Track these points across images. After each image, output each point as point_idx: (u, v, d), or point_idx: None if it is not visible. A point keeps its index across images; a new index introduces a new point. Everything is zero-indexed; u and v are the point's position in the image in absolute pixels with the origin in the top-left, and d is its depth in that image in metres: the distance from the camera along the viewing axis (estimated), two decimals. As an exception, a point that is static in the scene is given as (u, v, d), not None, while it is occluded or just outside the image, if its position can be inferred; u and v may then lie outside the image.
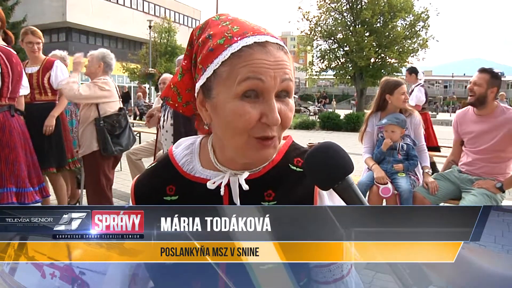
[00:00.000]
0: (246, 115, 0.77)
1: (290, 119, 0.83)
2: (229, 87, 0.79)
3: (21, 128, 3.13)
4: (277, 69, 0.78)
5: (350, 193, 0.74)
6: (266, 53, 0.79)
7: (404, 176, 3.50)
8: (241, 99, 0.78)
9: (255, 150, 0.81)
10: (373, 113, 3.77)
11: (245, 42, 0.79)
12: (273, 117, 0.77)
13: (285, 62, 0.80)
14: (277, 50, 0.80)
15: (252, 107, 0.78)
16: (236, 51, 0.78)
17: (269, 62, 0.78)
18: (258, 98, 0.78)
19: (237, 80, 0.77)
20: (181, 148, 0.98)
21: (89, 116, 3.75)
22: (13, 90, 3.10)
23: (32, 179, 3.18)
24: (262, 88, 0.77)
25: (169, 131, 3.78)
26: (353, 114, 18.53)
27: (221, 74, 0.80)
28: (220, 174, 0.90)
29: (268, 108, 0.78)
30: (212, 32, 0.84)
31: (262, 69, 0.77)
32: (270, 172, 0.91)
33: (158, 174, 0.96)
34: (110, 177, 3.98)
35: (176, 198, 0.92)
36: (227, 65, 0.79)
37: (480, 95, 3.26)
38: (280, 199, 0.89)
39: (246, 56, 0.78)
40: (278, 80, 0.78)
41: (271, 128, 0.79)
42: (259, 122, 0.79)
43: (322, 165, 0.74)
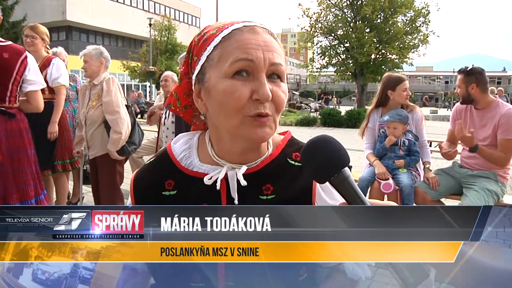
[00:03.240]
0: (236, 93, 0.79)
1: (283, 100, 0.83)
2: (220, 68, 0.81)
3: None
4: (266, 50, 0.80)
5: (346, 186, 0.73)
6: (255, 33, 0.82)
7: (405, 172, 3.50)
8: (232, 77, 0.80)
9: (251, 128, 0.81)
10: (374, 108, 3.77)
11: (235, 26, 0.83)
12: (263, 92, 0.78)
13: (273, 45, 0.83)
14: (266, 33, 0.83)
15: (242, 84, 0.79)
16: (226, 34, 0.82)
17: (258, 42, 0.81)
18: (249, 76, 0.80)
19: (229, 62, 0.79)
20: (180, 143, 0.99)
21: (99, 117, 3.68)
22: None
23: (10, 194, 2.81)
24: (253, 67, 0.79)
25: (170, 128, 3.78)
26: (354, 110, 18.52)
27: (213, 58, 0.82)
28: (218, 168, 0.90)
29: (258, 84, 0.79)
30: (207, 30, 0.88)
31: (252, 50, 0.79)
32: (269, 166, 0.91)
33: (157, 169, 0.97)
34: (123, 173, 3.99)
35: (175, 193, 0.93)
36: (218, 48, 0.82)
37: (463, 96, 3.33)
38: (279, 193, 0.89)
39: (236, 37, 0.81)
40: (267, 61, 0.80)
41: (264, 105, 0.80)
42: (250, 99, 0.80)
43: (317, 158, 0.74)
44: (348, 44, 24.27)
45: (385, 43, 23.56)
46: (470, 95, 3.28)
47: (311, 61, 27.28)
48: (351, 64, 24.35)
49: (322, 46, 25.81)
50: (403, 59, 24.54)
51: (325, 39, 25.66)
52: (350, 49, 24.08)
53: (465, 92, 3.30)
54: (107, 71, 3.82)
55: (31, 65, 2.90)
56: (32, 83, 2.92)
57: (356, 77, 24.61)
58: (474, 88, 3.26)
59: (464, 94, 3.31)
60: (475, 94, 3.27)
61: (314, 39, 26.01)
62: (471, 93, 3.27)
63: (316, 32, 25.22)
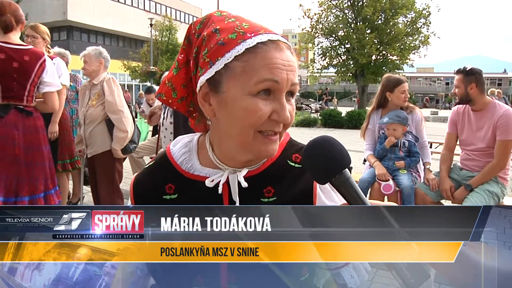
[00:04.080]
0: (259, 112, 0.79)
1: (293, 118, 0.84)
2: (243, 83, 0.79)
3: (15, 131, 2.85)
4: (289, 70, 0.81)
5: (347, 187, 0.73)
6: (280, 51, 0.81)
7: (405, 173, 3.50)
8: (255, 96, 0.79)
9: (261, 144, 0.83)
10: (374, 109, 3.77)
11: (259, 39, 0.80)
12: (284, 115, 0.80)
13: (294, 63, 0.83)
14: (287, 50, 0.83)
15: (264, 104, 0.79)
16: (251, 46, 0.79)
17: (283, 62, 0.80)
18: (269, 96, 0.80)
19: (255, 80, 0.78)
20: (179, 146, 0.98)
21: (98, 115, 3.70)
22: (7, 88, 2.85)
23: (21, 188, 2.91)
24: (276, 88, 0.80)
25: (169, 128, 3.78)
26: (355, 111, 18.51)
27: (235, 68, 0.80)
28: (219, 172, 0.90)
29: (279, 106, 0.80)
30: (219, 27, 0.83)
31: (278, 70, 0.79)
32: (269, 169, 0.91)
33: (157, 173, 0.96)
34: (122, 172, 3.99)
35: (176, 196, 0.92)
36: (242, 60, 0.79)
37: (462, 96, 3.32)
38: (280, 196, 0.89)
39: (262, 54, 0.79)
40: (289, 82, 0.81)
41: (279, 124, 0.82)
42: (268, 119, 0.80)
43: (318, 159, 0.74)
44: (349, 45, 24.26)
45: (386, 44, 23.55)
46: (468, 95, 3.28)
47: (312, 62, 27.26)
48: (352, 65, 24.34)
49: (323, 47, 25.80)
50: (403, 60, 24.52)
51: (326, 40, 25.67)
52: (351, 50, 24.07)
53: (464, 92, 3.29)
54: (106, 71, 3.84)
55: (48, 68, 3.06)
56: (48, 85, 3.07)
57: (356, 78, 24.59)
58: (474, 88, 3.25)
59: (462, 94, 3.30)
60: (474, 95, 3.27)
61: (315, 40, 26.01)
62: (469, 93, 3.27)
63: (317, 33, 25.22)
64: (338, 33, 24.69)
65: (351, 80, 26.24)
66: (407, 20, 24.44)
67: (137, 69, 31.16)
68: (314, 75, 28.50)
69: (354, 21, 24.33)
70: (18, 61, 2.87)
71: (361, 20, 23.72)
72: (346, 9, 24.44)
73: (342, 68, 25.11)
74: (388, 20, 23.71)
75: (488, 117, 3.26)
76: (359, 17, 23.84)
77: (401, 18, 24.06)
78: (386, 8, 23.39)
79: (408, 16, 24.25)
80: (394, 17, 23.54)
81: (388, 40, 23.48)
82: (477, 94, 3.26)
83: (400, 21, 24.19)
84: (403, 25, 24.10)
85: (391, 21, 23.62)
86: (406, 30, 23.91)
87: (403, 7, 23.33)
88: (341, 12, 24.63)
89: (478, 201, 3.16)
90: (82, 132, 3.80)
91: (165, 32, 33.32)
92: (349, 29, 24.19)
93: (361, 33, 23.14)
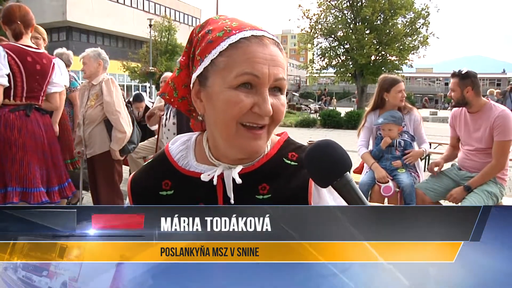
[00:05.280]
0: (239, 103, 0.80)
1: (282, 113, 0.85)
2: (225, 77, 0.81)
3: (39, 128, 3.09)
4: (272, 65, 0.81)
5: (348, 190, 0.74)
6: (262, 45, 0.82)
7: (404, 172, 3.50)
8: (236, 88, 0.80)
9: (245, 139, 0.83)
10: (371, 110, 3.76)
11: (243, 34, 0.82)
12: (265, 108, 0.80)
13: (279, 58, 0.83)
14: (273, 45, 0.83)
15: (245, 96, 0.80)
16: (234, 42, 0.81)
17: (265, 56, 0.81)
18: (251, 89, 0.81)
19: (234, 74, 0.80)
20: (177, 144, 1.00)
21: (97, 116, 3.71)
22: (30, 89, 3.05)
23: (52, 179, 3.16)
24: (257, 82, 0.80)
25: (171, 129, 3.78)
26: (354, 112, 18.52)
27: (219, 64, 0.82)
28: (214, 168, 0.91)
29: (261, 99, 0.80)
30: (212, 28, 0.87)
31: (258, 65, 0.80)
32: (265, 166, 0.92)
33: (154, 170, 0.98)
34: (121, 173, 3.99)
35: (172, 192, 0.94)
36: (225, 55, 0.81)
37: (457, 99, 3.33)
38: (275, 193, 0.90)
39: (244, 48, 0.81)
40: (272, 77, 0.81)
41: (262, 118, 0.82)
42: (250, 111, 0.81)
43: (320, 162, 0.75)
44: (348, 45, 24.28)
45: (385, 45, 23.58)
46: (465, 98, 3.30)
47: (311, 62, 27.28)
48: (351, 65, 24.36)
49: (322, 48, 25.83)
50: (403, 60, 24.55)
51: (325, 40, 25.69)
52: (350, 50, 24.09)
53: (460, 96, 3.31)
54: (105, 72, 3.84)
55: (57, 69, 3.30)
56: (56, 85, 3.31)
57: (356, 79, 24.62)
58: (469, 91, 3.27)
59: (458, 97, 3.32)
60: (470, 98, 3.29)
61: (314, 41, 26.04)
62: (466, 96, 3.29)
63: (316, 33, 25.23)
64: (337, 34, 24.71)
65: (350, 80, 26.27)
66: (406, 21, 24.47)
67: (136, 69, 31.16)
68: (313, 76, 28.51)
69: (353, 22, 24.35)
70: (40, 64, 3.10)
71: (360, 20, 23.74)
72: (345, 9, 24.47)
73: (341, 69, 25.12)
74: (387, 20, 23.73)
75: (484, 118, 3.27)
76: (358, 18, 23.86)
77: (400, 18, 24.08)
78: (385, 8, 23.42)
79: (407, 16, 24.28)
80: (393, 17, 23.57)
81: (387, 40, 23.50)
82: (473, 97, 3.28)
83: (399, 22, 24.22)
84: (402, 26, 24.12)
85: (390, 21, 23.65)
86: (405, 30, 23.93)
87: (402, 8, 23.35)
88: (340, 12, 24.65)
89: (477, 201, 3.16)
90: (81, 132, 3.80)
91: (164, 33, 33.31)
92: (348, 29, 24.20)
93: (360, 34, 23.16)
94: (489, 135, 3.24)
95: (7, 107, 2.97)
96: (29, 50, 3.06)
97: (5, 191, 2.93)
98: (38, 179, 3.02)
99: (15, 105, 3.00)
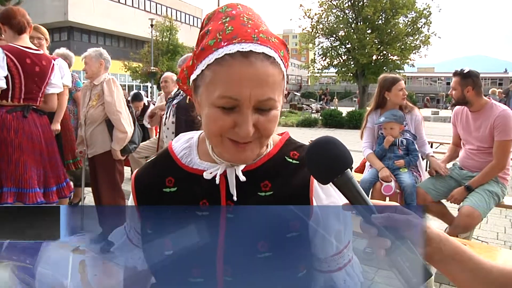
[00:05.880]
0: (219, 122, 0.79)
1: (269, 130, 0.83)
2: (208, 93, 0.80)
3: (36, 129, 3.10)
4: (255, 86, 0.77)
5: (349, 187, 0.74)
6: (246, 65, 0.77)
7: (406, 172, 3.50)
8: (218, 107, 0.79)
9: (230, 151, 0.83)
10: (372, 110, 3.78)
11: (228, 50, 0.78)
12: (244, 130, 0.78)
13: (267, 76, 0.79)
14: (262, 61, 0.78)
15: (226, 115, 0.79)
16: (219, 57, 0.78)
17: (248, 76, 0.77)
18: (234, 109, 0.79)
19: (216, 95, 0.78)
20: (181, 142, 1.00)
21: (99, 116, 3.71)
22: (28, 91, 3.06)
23: (49, 179, 3.17)
24: (237, 104, 0.78)
25: (170, 128, 3.78)
26: (355, 111, 18.52)
27: (206, 77, 0.81)
28: (217, 166, 0.92)
29: (241, 119, 0.79)
30: (211, 28, 0.84)
31: (239, 88, 0.77)
32: (267, 164, 0.93)
33: (158, 167, 0.99)
34: (123, 172, 4.00)
35: (175, 189, 0.94)
36: (211, 69, 0.80)
37: (458, 98, 3.35)
38: (277, 190, 0.90)
39: (226, 67, 0.77)
40: (253, 99, 0.78)
41: (243, 137, 0.80)
42: (232, 129, 0.80)
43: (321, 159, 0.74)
44: (349, 45, 24.26)
45: (387, 44, 23.54)
46: (465, 97, 3.31)
47: (312, 62, 27.26)
48: (353, 65, 24.34)
49: (324, 47, 25.81)
50: (404, 60, 24.52)
51: (327, 40, 25.67)
52: (351, 50, 24.07)
53: (460, 95, 3.32)
54: (107, 72, 3.85)
55: (56, 71, 3.32)
56: (54, 86, 3.31)
57: (357, 78, 24.60)
58: (470, 91, 3.28)
59: (459, 96, 3.33)
60: (470, 97, 3.30)
61: (315, 40, 26.02)
62: (466, 96, 3.30)
63: (317, 33, 25.22)
64: (338, 33, 24.69)
65: (352, 80, 26.24)
66: (407, 20, 24.44)
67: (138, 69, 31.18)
68: (315, 75, 28.49)
69: (354, 21, 24.33)
70: (39, 66, 3.11)
71: (362, 20, 23.72)
72: (346, 9, 24.45)
73: (343, 68, 25.11)
74: (389, 20, 23.69)
75: (485, 117, 3.28)
76: (359, 17, 23.84)
77: (401, 18, 24.05)
78: (386, 8, 23.38)
79: (408, 16, 24.25)
80: (394, 17, 23.53)
81: (388, 40, 23.47)
82: (473, 96, 3.29)
83: (400, 21, 24.18)
84: (403, 25, 24.08)
85: (392, 21, 23.60)
86: (406, 30, 23.90)
87: (404, 7, 23.31)
88: (342, 12, 24.64)
89: (478, 200, 3.16)
90: (83, 132, 3.81)
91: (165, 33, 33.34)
92: (349, 29, 24.19)
93: (362, 33, 23.14)
94: (489, 134, 3.24)
95: (4, 108, 2.98)
96: (28, 51, 3.07)
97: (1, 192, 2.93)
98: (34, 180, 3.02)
99: (12, 106, 3.01)
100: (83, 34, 37.84)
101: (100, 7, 36.45)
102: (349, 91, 62.03)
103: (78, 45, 32.17)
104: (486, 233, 4.27)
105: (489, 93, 13.47)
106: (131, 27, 39.03)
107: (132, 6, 40.52)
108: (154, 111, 4.81)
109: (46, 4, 33.93)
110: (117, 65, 29.38)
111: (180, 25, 35.61)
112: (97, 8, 36.13)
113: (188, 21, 46.94)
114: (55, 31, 34.62)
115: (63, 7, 34.53)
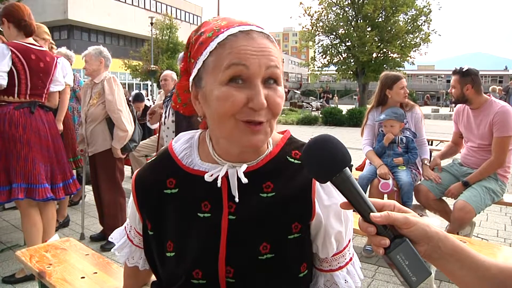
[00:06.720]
0: (231, 98, 0.78)
1: (279, 105, 0.82)
2: (215, 74, 0.80)
3: (43, 125, 3.12)
4: (261, 55, 0.79)
5: (348, 185, 0.74)
6: (250, 39, 0.80)
7: (404, 169, 3.51)
8: (227, 84, 0.79)
9: (244, 134, 0.81)
10: (373, 107, 3.78)
11: (230, 32, 0.81)
12: (258, 101, 0.78)
13: (270, 49, 0.81)
14: (262, 37, 0.82)
15: (237, 91, 0.78)
16: (221, 40, 0.80)
17: (253, 48, 0.79)
18: (245, 83, 0.79)
19: (223, 67, 0.79)
20: (181, 142, 1.00)
21: (99, 114, 3.71)
22: (34, 86, 3.09)
23: (56, 175, 3.18)
24: (247, 74, 0.78)
25: (170, 127, 3.78)
26: (356, 109, 18.50)
27: (209, 64, 0.82)
28: (218, 167, 0.91)
29: (254, 92, 0.78)
30: (204, 30, 0.86)
31: (246, 55, 0.78)
32: (268, 164, 0.92)
33: (158, 168, 0.98)
34: (123, 171, 4.00)
35: (176, 191, 0.94)
36: (214, 55, 0.81)
37: (457, 96, 3.36)
38: (279, 191, 0.90)
39: (231, 43, 0.79)
40: (263, 67, 0.79)
41: (258, 113, 0.79)
42: (245, 107, 0.79)
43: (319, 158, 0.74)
44: (349, 43, 24.19)
45: (387, 42, 23.47)
46: (464, 95, 3.32)
47: (312, 60, 27.20)
48: (353, 63, 24.28)
49: (324, 45, 25.73)
50: (404, 57, 24.45)
51: (327, 38, 25.58)
52: (351, 47, 24.01)
53: (459, 93, 3.33)
54: (107, 70, 3.85)
55: (59, 68, 3.37)
56: (57, 84, 3.37)
57: (357, 76, 24.54)
58: (469, 89, 3.29)
59: (458, 94, 3.34)
60: (470, 95, 3.31)
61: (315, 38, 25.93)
62: (465, 94, 3.31)
63: (317, 31, 25.15)
64: (338, 31, 24.61)
65: (352, 78, 26.18)
66: (407, 18, 24.35)
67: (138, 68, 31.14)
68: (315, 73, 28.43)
69: (354, 19, 24.26)
70: (43, 62, 3.14)
71: (362, 17, 23.64)
72: (346, 6, 24.37)
73: (343, 66, 25.03)
74: (389, 17, 23.61)
75: (484, 114, 3.29)
76: (359, 15, 23.76)
77: (401, 15, 23.95)
78: (386, 5, 23.30)
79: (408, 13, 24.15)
80: (394, 14, 23.45)
81: (388, 37, 23.40)
82: (473, 94, 3.30)
83: (400, 19, 24.08)
84: (403, 23, 24.00)
85: (392, 18, 23.52)
86: (406, 27, 23.82)
87: (404, 5, 23.23)
88: (342, 10, 24.56)
89: (472, 195, 3.16)
90: (84, 131, 3.81)
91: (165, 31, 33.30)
92: (349, 27, 24.12)
93: (362, 31, 23.07)
94: (489, 131, 3.25)
95: (12, 105, 3.00)
96: (32, 48, 3.08)
97: (10, 188, 2.94)
98: (42, 175, 3.04)
99: (19, 103, 3.03)
100: (83, 33, 37.82)
101: (100, 5, 36.42)
102: (349, 89, 61.93)
103: (78, 43, 32.16)
104: (486, 230, 4.27)
105: (489, 91, 13.45)
106: (131, 25, 39.02)
107: (132, 5, 40.48)
108: (154, 109, 4.81)
109: (46, 2, 33.90)
110: (117, 63, 29.37)
111: (180, 23, 35.56)
112: (97, 6, 36.10)
113: (188, 19, 46.90)
114: (55, 29, 34.60)
115: (63, 5, 34.50)
